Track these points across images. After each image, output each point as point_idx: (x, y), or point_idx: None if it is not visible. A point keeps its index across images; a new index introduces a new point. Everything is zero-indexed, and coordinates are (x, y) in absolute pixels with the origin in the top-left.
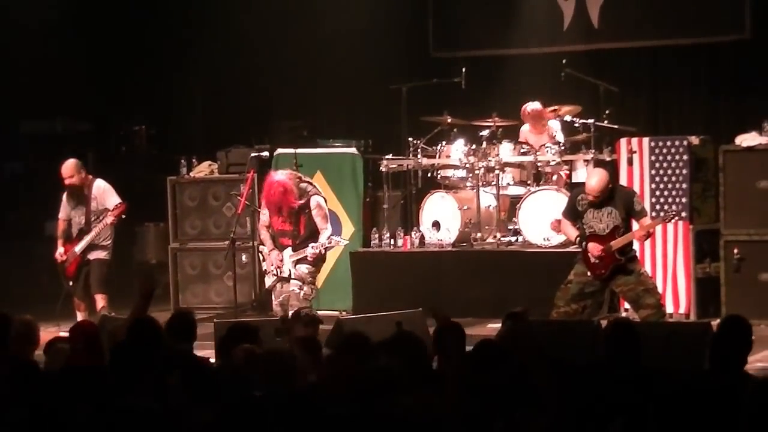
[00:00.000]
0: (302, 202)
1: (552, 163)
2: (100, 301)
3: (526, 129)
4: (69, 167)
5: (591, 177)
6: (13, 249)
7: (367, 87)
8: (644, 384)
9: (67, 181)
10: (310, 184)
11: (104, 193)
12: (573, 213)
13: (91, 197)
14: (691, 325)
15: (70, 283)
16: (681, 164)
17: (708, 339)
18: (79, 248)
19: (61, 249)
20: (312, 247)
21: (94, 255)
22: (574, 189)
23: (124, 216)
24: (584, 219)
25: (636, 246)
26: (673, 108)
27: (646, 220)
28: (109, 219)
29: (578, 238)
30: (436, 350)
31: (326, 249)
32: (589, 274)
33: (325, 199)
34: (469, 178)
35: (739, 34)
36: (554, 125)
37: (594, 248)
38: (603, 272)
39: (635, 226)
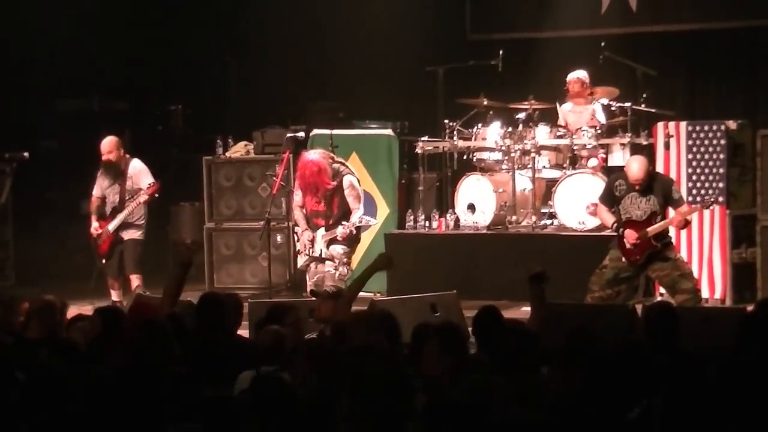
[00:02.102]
0: (335, 182)
1: (588, 147)
2: (135, 280)
3: (567, 108)
4: (109, 143)
5: (631, 164)
6: (49, 227)
7: (404, 69)
8: (678, 367)
9: (105, 157)
10: (343, 164)
11: (140, 173)
12: (610, 198)
13: (126, 176)
14: (726, 310)
15: (103, 261)
16: (718, 149)
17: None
18: (112, 226)
19: (95, 224)
20: (343, 226)
21: (128, 234)
22: (611, 174)
23: (157, 195)
24: (622, 205)
25: (672, 231)
26: (711, 92)
27: (683, 209)
28: (143, 198)
29: (615, 225)
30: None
31: (357, 229)
32: (624, 259)
33: (358, 179)
34: (505, 161)
35: None
36: (596, 106)
37: (630, 235)
38: (638, 258)
39: (671, 213)
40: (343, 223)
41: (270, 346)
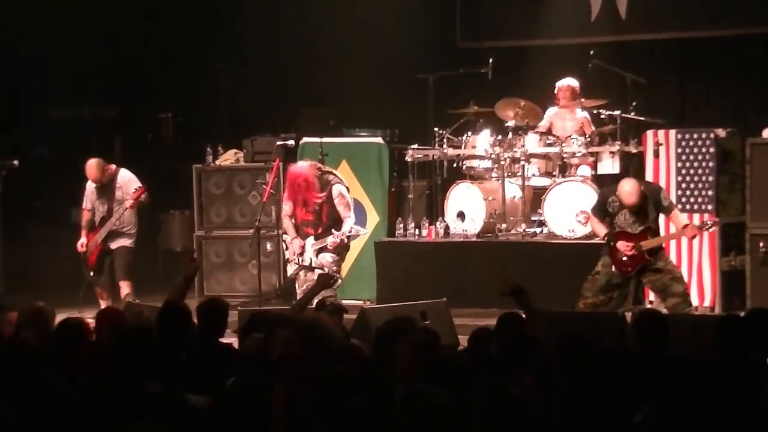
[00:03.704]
0: (324, 194)
1: (578, 155)
2: (125, 288)
3: (552, 112)
4: (93, 171)
5: (624, 188)
6: (40, 235)
7: (394, 77)
8: (668, 374)
9: (95, 184)
10: (331, 173)
11: (129, 183)
12: (602, 211)
13: (116, 187)
14: (716, 318)
15: (92, 273)
16: (707, 157)
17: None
18: (100, 235)
19: (83, 239)
20: (333, 235)
21: (118, 243)
22: (605, 188)
23: (143, 198)
24: (616, 220)
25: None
26: (701, 100)
27: (676, 213)
28: (128, 203)
29: (606, 237)
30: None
31: (348, 238)
32: (614, 269)
33: (347, 187)
34: (495, 169)
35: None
36: (584, 114)
37: (624, 246)
38: (629, 271)
39: (662, 223)
40: (334, 232)
41: (255, 354)
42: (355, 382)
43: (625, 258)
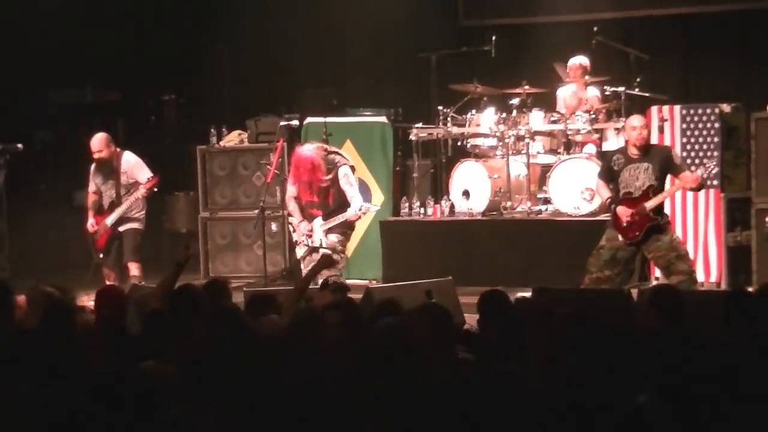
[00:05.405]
0: (330, 176)
1: (582, 132)
2: (134, 270)
3: (568, 92)
4: (98, 141)
5: (632, 120)
6: (43, 218)
7: (397, 56)
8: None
9: (96, 155)
10: (338, 153)
11: (134, 167)
12: (608, 174)
13: (120, 171)
14: (722, 293)
15: (100, 256)
16: (712, 132)
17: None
18: (110, 221)
19: (92, 220)
20: (346, 215)
21: (126, 226)
22: (609, 151)
23: (156, 189)
24: (621, 178)
25: (668, 211)
26: (705, 75)
27: (687, 174)
28: (141, 193)
29: (609, 201)
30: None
31: (362, 215)
32: (621, 238)
33: (352, 166)
34: (499, 147)
35: None
36: (593, 91)
37: (624, 212)
38: (637, 234)
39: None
40: (350, 210)
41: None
42: None
43: (628, 223)
